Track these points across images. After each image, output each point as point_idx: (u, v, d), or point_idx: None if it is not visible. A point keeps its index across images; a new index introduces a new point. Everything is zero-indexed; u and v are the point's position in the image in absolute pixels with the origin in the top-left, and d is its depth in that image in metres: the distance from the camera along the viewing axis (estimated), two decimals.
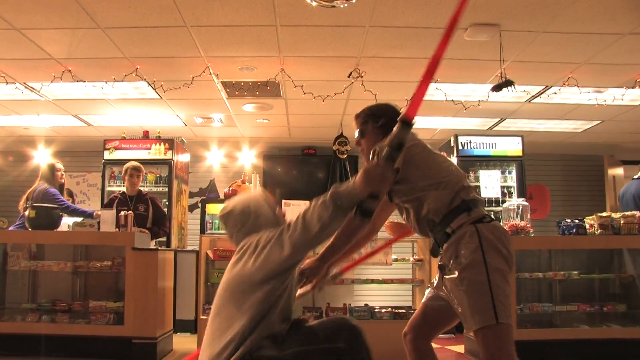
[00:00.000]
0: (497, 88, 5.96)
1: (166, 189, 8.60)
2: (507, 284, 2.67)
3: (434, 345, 3.14)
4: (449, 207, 2.76)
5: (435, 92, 7.14)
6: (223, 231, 8.23)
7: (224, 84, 7.17)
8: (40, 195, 6.68)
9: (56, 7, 5.20)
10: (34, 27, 5.65)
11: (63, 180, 7.21)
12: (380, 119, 3.02)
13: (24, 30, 5.70)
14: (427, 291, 3.04)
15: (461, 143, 8.52)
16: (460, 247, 2.68)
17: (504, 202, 7.78)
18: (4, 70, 6.79)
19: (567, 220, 5.98)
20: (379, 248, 3.15)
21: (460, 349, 6.37)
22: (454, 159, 8.50)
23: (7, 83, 7.12)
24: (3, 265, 6.06)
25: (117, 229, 5.81)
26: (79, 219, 6.56)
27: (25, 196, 6.85)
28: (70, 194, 8.93)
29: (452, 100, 7.36)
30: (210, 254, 5.98)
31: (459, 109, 7.81)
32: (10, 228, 6.66)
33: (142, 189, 6.92)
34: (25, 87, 7.37)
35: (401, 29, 5.58)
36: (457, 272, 2.67)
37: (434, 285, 2.97)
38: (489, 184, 8.52)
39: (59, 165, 7.16)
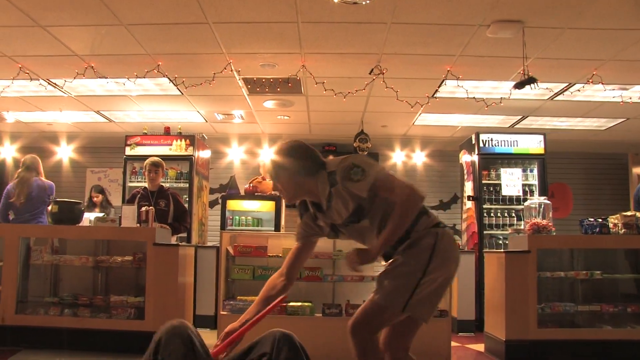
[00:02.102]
0: (520, 85, 5.91)
1: (187, 185, 8.62)
2: (434, 285, 2.79)
3: (453, 344, 3.16)
4: None
5: (456, 89, 7.10)
6: (243, 227, 8.29)
7: (245, 80, 7.19)
8: (44, 188, 6.72)
9: (80, 5, 5.25)
10: (58, 24, 5.71)
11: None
12: (293, 161, 2.94)
13: (49, 27, 5.77)
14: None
15: (482, 141, 8.44)
16: (417, 242, 2.83)
17: (525, 200, 7.69)
18: (28, 66, 6.87)
19: (589, 219, 5.91)
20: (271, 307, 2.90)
21: (480, 347, 6.33)
22: (475, 157, 8.44)
23: (31, 79, 7.20)
24: (26, 259, 6.12)
25: (138, 225, 5.84)
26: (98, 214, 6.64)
27: (19, 188, 6.71)
28: (102, 191, 9.03)
29: (474, 98, 7.31)
30: (231, 250, 5.98)
31: (480, 107, 7.75)
32: None
33: (163, 184, 6.94)
34: (49, 83, 7.46)
35: (423, 25, 5.55)
36: (400, 256, 2.82)
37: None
38: (510, 182, 8.43)
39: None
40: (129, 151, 8.80)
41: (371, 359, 2.80)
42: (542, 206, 5.99)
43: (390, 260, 2.86)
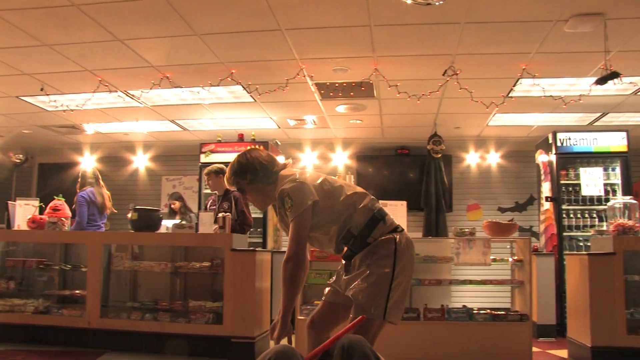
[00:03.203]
0: (601, 81, 5.70)
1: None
2: (401, 288, 3.01)
3: (534, 349, 3.13)
4: (365, 220, 3.09)
5: (532, 87, 6.93)
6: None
7: (318, 85, 7.23)
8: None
9: (156, 17, 5.39)
10: (135, 37, 5.89)
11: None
12: (247, 175, 3.21)
13: (127, 40, 5.96)
14: (326, 289, 3.39)
15: (560, 140, 8.21)
16: (377, 250, 3.03)
17: (607, 200, 7.43)
18: (107, 79, 7.12)
19: None
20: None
21: (562, 353, 6.14)
22: (552, 157, 8.21)
23: (110, 92, 7.47)
24: (108, 265, 6.35)
25: (217, 226, 5.97)
26: (176, 221, 6.84)
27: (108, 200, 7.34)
28: (179, 198, 9.24)
29: (551, 96, 7.11)
30: (308, 255, 6.02)
31: (557, 105, 7.52)
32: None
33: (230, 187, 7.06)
34: (127, 94, 7.71)
35: (497, 23, 5.44)
36: (365, 267, 3.01)
37: (334, 281, 3.32)
38: (590, 181, 8.14)
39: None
40: (203, 158, 9.01)
41: None
42: (628, 206, 5.77)
43: (356, 272, 3.04)
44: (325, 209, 3.11)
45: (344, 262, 3.20)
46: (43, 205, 6.71)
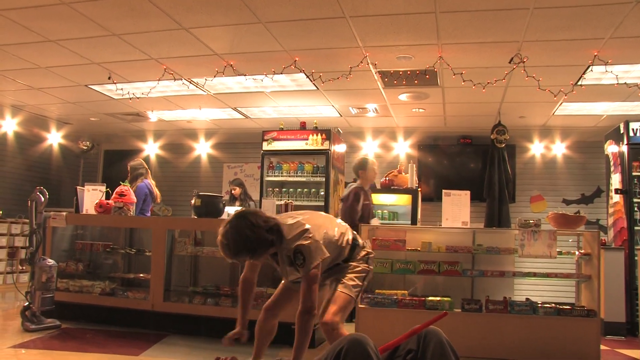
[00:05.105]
0: None
1: (323, 179, 8.73)
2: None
3: (602, 347, 3.11)
4: (349, 251, 3.86)
5: (604, 75, 6.68)
6: (385, 221, 8.28)
7: (381, 73, 7.15)
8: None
9: (221, 5, 5.42)
10: (200, 25, 5.94)
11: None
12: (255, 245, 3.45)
13: (191, 29, 6.02)
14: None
15: (632, 129, 7.88)
16: (356, 267, 3.85)
17: None
18: (172, 67, 7.22)
19: None
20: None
21: (634, 353, 5.90)
22: (623, 147, 7.91)
23: (174, 80, 7.58)
24: (171, 251, 6.47)
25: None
26: (237, 208, 6.93)
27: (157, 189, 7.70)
28: (240, 184, 9.40)
29: (625, 83, 6.82)
30: (369, 244, 5.99)
31: (631, 93, 7.23)
32: None
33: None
34: (191, 82, 7.80)
35: (568, 8, 5.21)
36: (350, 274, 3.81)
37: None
38: None
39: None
40: (266, 146, 9.06)
41: None
42: None
43: (346, 276, 3.79)
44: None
45: None
46: (110, 191, 6.88)
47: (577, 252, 6.21)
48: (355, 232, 3.99)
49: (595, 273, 5.82)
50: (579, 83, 7.09)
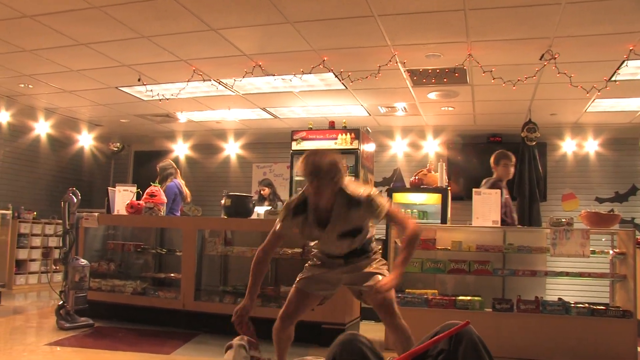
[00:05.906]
0: None
1: (353, 179, 8.71)
2: None
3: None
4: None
5: (639, 70, 6.54)
6: (415, 220, 8.20)
7: (410, 72, 7.11)
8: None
9: (249, 6, 5.45)
10: (228, 26, 5.98)
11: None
12: (336, 175, 3.44)
13: (220, 30, 6.06)
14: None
15: None
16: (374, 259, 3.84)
17: None
18: (201, 68, 7.28)
19: None
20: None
21: None
22: None
23: (203, 80, 7.63)
24: (201, 250, 6.51)
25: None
26: (266, 208, 6.95)
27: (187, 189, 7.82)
28: (270, 184, 9.44)
29: None
30: (399, 243, 5.96)
31: None
32: None
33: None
34: (220, 83, 7.85)
35: (601, 2, 5.10)
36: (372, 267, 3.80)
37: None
38: None
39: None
40: (295, 146, 9.04)
41: None
42: None
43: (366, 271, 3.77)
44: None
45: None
46: (140, 192, 6.95)
47: (611, 251, 6.10)
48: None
49: (631, 273, 5.71)
50: (613, 79, 6.96)
